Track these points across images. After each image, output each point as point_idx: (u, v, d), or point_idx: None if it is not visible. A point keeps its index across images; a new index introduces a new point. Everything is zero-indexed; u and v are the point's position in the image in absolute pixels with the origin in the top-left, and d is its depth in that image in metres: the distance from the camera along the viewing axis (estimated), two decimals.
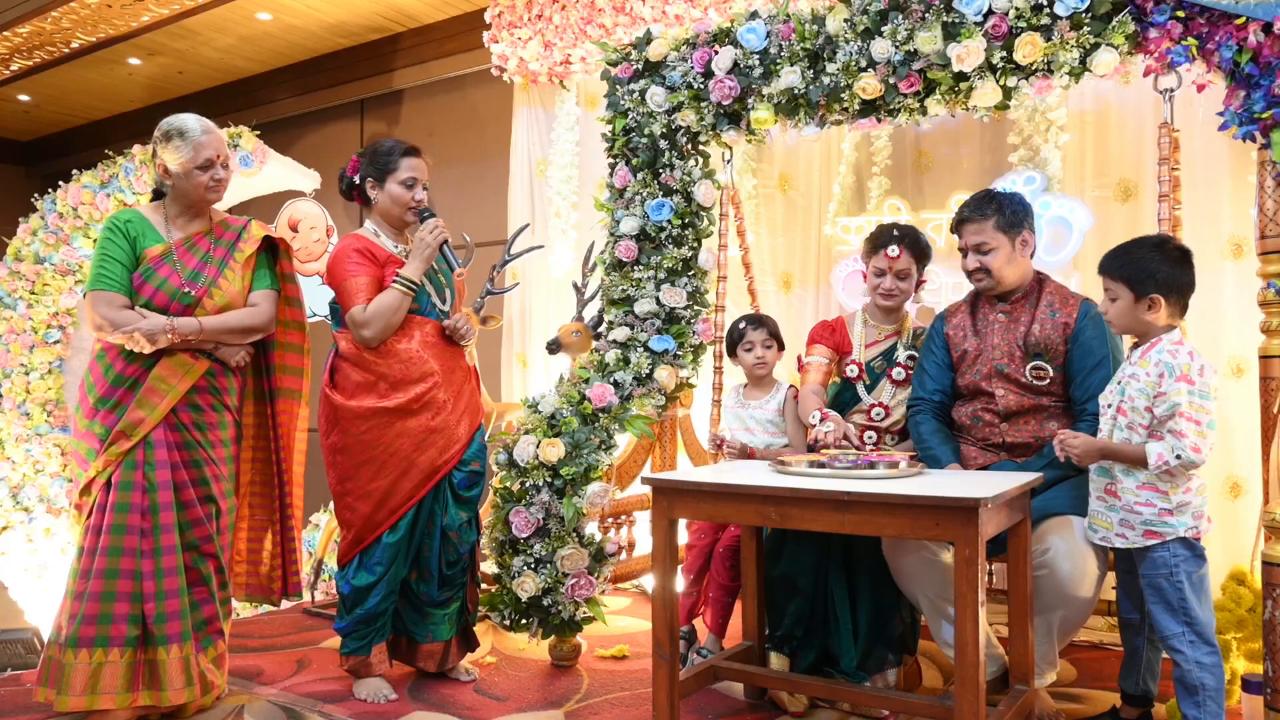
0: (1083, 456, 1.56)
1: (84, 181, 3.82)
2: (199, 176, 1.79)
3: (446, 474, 1.92)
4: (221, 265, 1.82)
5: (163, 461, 1.73)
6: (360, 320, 1.85)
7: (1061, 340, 1.78)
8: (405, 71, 4.10)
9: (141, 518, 1.71)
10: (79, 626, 1.66)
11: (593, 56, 3.15)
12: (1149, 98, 2.33)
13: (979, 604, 1.34)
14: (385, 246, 1.94)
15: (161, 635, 1.70)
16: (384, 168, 1.93)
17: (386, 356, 1.88)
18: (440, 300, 1.97)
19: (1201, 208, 2.29)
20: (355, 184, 1.97)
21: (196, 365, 1.78)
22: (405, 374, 1.88)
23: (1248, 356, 2.24)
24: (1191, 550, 1.51)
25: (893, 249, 1.99)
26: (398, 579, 1.91)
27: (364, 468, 1.89)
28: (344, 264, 1.89)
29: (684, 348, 2.30)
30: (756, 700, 1.89)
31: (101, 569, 1.68)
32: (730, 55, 2.19)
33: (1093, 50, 1.79)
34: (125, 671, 1.67)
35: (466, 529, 1.95)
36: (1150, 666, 1.64)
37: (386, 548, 1.89)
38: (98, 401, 1.74)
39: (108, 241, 1.76)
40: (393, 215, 1.94)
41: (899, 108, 2.02)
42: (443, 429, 1.90)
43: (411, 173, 1.92)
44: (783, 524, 1.52)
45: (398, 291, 1.86)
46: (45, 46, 4.15)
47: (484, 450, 2.01)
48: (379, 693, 1.90)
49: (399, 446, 1.88)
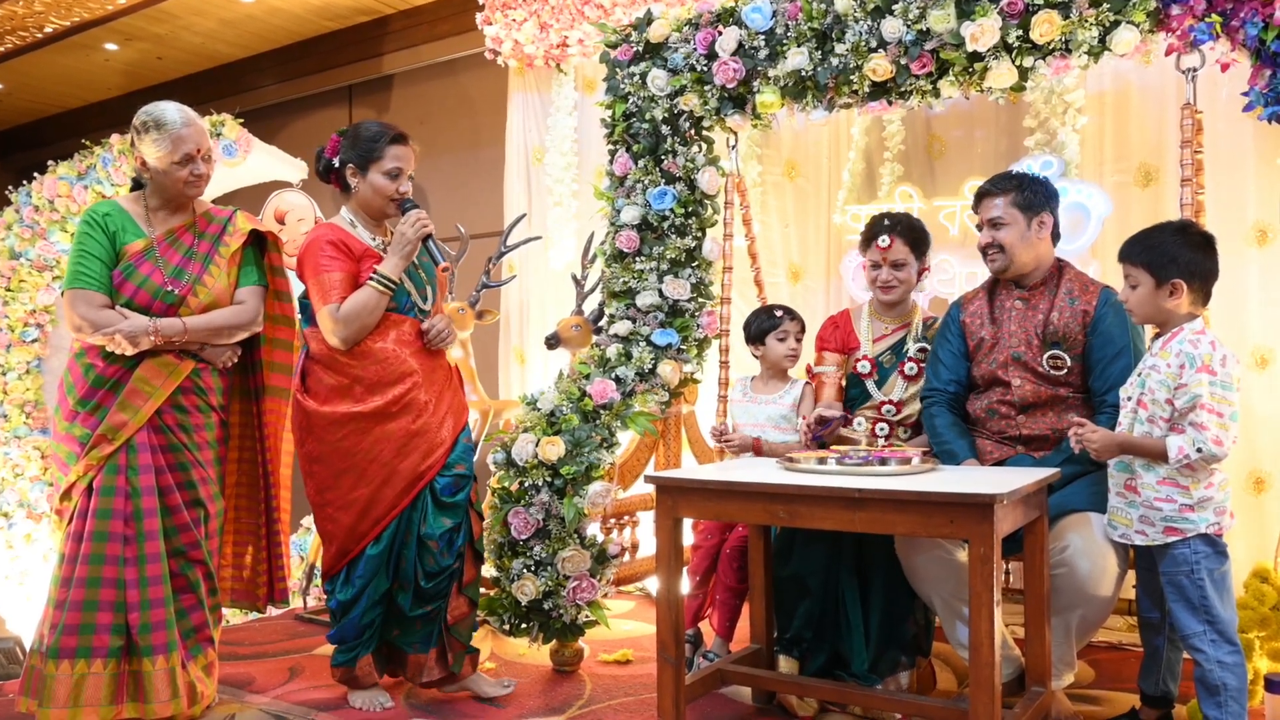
0: (1101, 451, 1.54)
1: (60, 173, 3.73)
2: (178, 172, 1.72)
3: (430, 480, 1.81)
4: (206, 261, 1.76)
5: (146, 466, 1.68)
6: (332, 321, 1.72)
7: (1080, 329, 1.75)
8: (395, 55, 4.01)
9: (124, 524, 1.66)
10: (60, 636, 1.62)
11: (591, 38, 3.09)
12: (1171, 78, 2.28)
13: (995, 604, 1.32)
14: (362, 238, 1.82)
15: (146, 646, 1.65)
16: (367, 154, 1.79)
17: (361, 357, 1.77)
18: (421, 298, 1.86)
19: (1225, 193, 2.25)
20: (334, 167, 1.84)
21: (181, 366, 1.72)
22: (382, 375, 1.76)
23: (1273, 347, 2.22)
24: (1213, 547, 1.49)
25: (883, 239, 1.95)
26: (379, 591, 1.81)
27: (344, 476, 1.78)
28: (316, 257, 1.76)
29: (688, 341, 2.26)
30: (765, 705, 1.86)
31: (83, 577, 1.64)
32: (734, 36, 2.14)
33: (1112, 28, 1.75)
34: (109, 683, 1.63)
35: (451, 537, 1.82)
36: (1170, 667, 1.62)
37: (369, 560, 1.79)
38: (77, 403, 1.69)
39: (85, 236, 1.70)
40: (373, 206, 1.82)
41: (911, 90, 1.98)
42: (425, 432, 1.79)
43: (397, 162, 1.79)
44: (792, 523, 1.49)
45: (374, 290, 1.73)
46: (17, 31, 4.04)
47: (469, 452, 1.90)
48: (374, 701, 1.84)
49: (379, 453, 1.77)
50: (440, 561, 1.81)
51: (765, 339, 2.09)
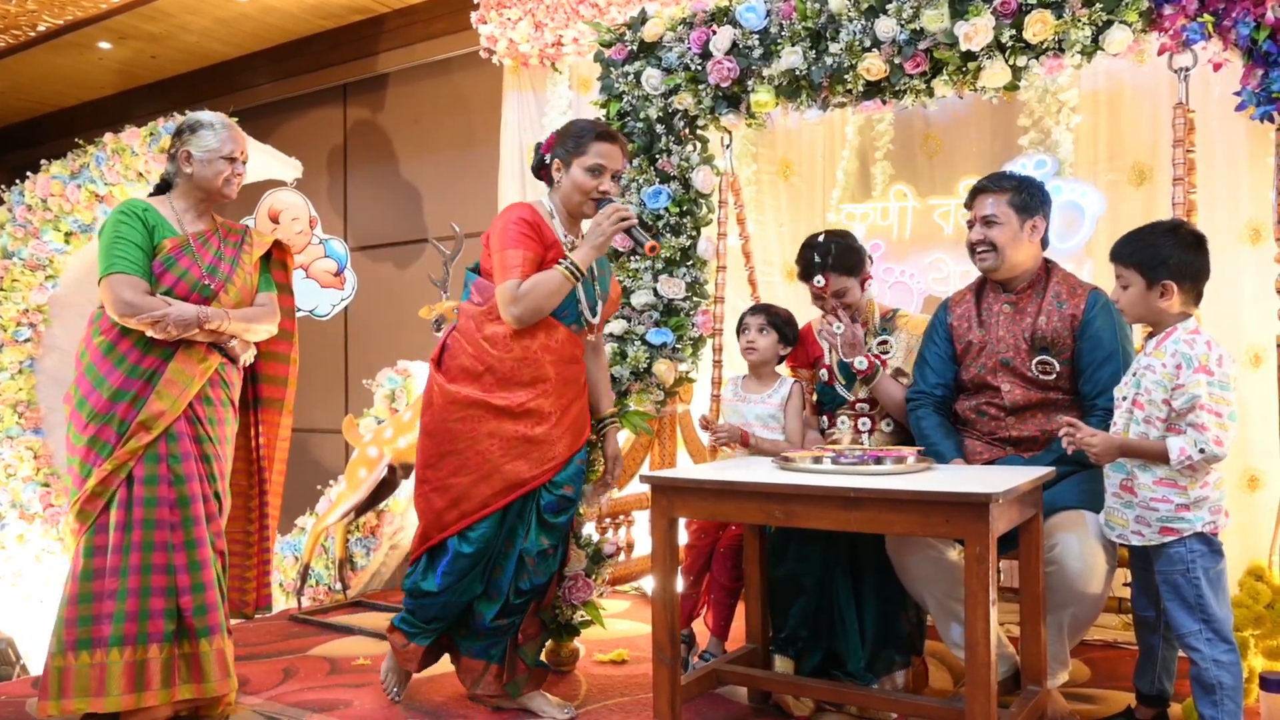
0: (1101, 455, 1.52)
1: (53, 172, 3.71)
2: (222, 166, 1.80)
3: (533, 491, 1.75)
4: (234, 262, 1.83)
5: (187, 453, 1.73)
6: (511, 296, 1.68)
7: (1069, 333, 1.74)
8: (390, 54, 4.00)
9: (170, 511, 1.70)
10: (123, 624, 1.64)
11: (585, 37, 3.09)
12: (1164, 77, 2.28)
13: (990, 603, 1.32)
14: (556, 230, 1.78)
15: (203, 628, 1.70)
16: (571, 149, 1.77)
17: (503, 349, 1.72)
18: (589, 310, 1.79)
19: (1218, 191, 2.25)
20: (545, 162, 1.83)
21: (210, 359, 1.77)
22: (515, 373, 1.72)
23: (1266, 345, 2.21)
24: (1208, 546, 1.49)
25: (818, 279, 1.96)
26: (469, 595, 1.76)
27: (446, 459, 1.74)
28: (510, 232, 1.72)
29: (683, 340, 2.25)
30: (761, 705, 1.85)
31: (137, 565, 1.67)
32: (729, 35, 2.13)
33: (1105, 28, 1.75)
34: (163, 667, 1.67)
35: (546, 557, 1.78)
36: (1166, 665, 1.62)
37: (460, 558, 1.73)
38: (92, 416, 1.71)
39: (123, 225, 1.73)
40: (573, 201, 1.79)
41: (905, 89, 1.98)
42: (541, 442, 1.73)
43: (600, 159, 1.76)
44: (788, 523, 1.49)
45: (561, 274, 1.69)
46: (10, 30, 4.02)
47: (580, 475, 1.83)
48: (390, 680, 1.88)
49: (486, 447, 1.72)
50: (534, 580, 1.77)
51: (738, 336, 2.11)
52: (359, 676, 2.05)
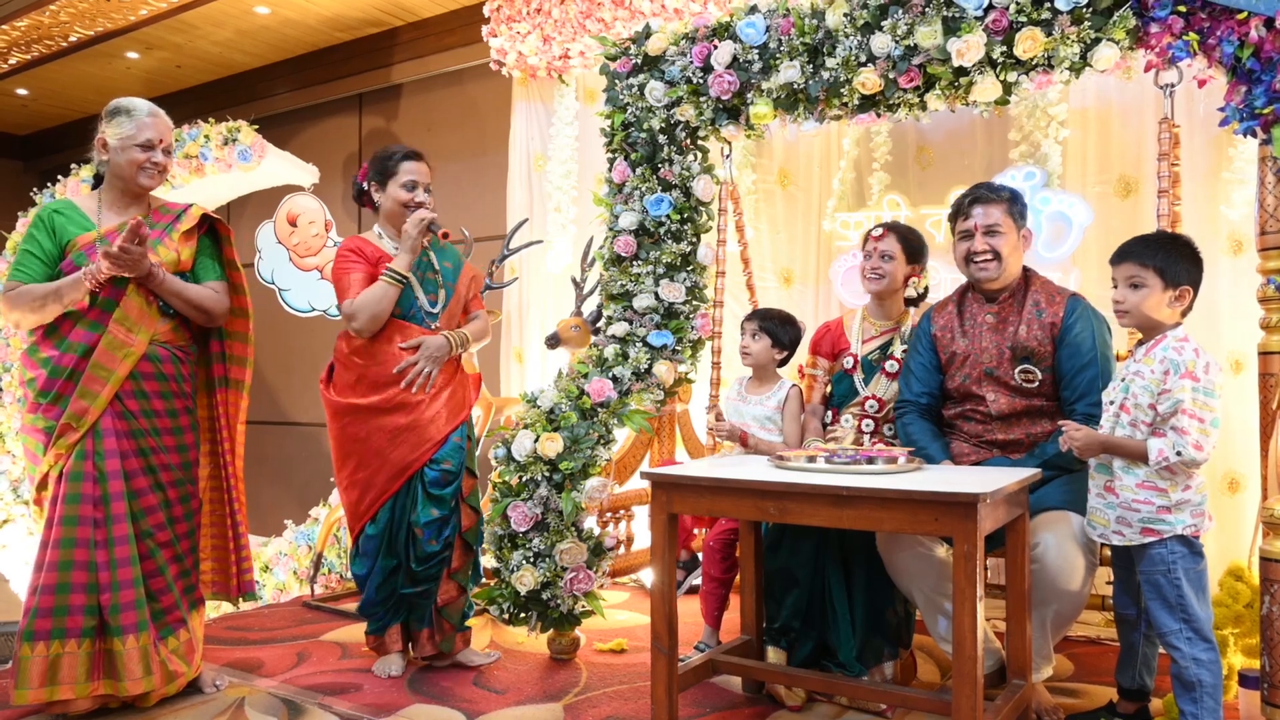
0: (1084, 449, 1.54)
1: (83, 176, 3.82)
2: (136, 154, 1.73)
3: (418, 471, 1.98)
4: (155, 244, 1.76)
5: (111, 450, 1.70)
6: (349, 312, 1.95)
7: (1049, 340, 1.76)
8: (403, 66, 4.09)
9: (94, 508, 1.68)
10: (35, 619, 1.64)
11: (592, 51, 3.14)
12: (1150, 93, 2.32)
13: (978, 599, 1.34)
14: (384, 247, 2.03)
15: (117, 626, 1.68)
16: (385, 172, 2.03)
17: (367, 357, 1.98)
18: (430, 303, 2.02)
19: (1201, 203, 2.29)
20: (364, 189, 2.09)
21: (133, 347, 1.72)
22: (380, 374, 1.97)
23: (1247, 352, 2.24)
24: (1189, 547, 1.50)
25: (877, 230, 2.07)
26: (387, 568, 2.00)
27: (348, 459, 2.01)
28: (337, 263, 2.01)
29: (683, 343, 2.30)
30: (755, 694, 1.89)
31: (55, 561, 1.66)
32: (729, 50, 2.18)
33: (1093, 45, 1.78)
34: (84, 661, 1.66)
35: (437, 526, 1.98)
36: (1146, 661, 1.64)
37: (369, 539, 2.00)
38: (38, 395, 1.71)
39: (29, 237, 1.73)
40: (395, 217, 2.03)
41: (899, 103, 2.01)
42: (414, 428, 1.97)
43: (411, 175, 2.02)
44: (782, 519, 1.52)
45: (384, 283, 1.95)
46: (43, 40, 4.14)
47: (460, 450, 2.02)
48: (386, 668, 2.02)
49: (374, 442, 1.97)
50: (426, 548, 1.98)
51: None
52: (369, 661, 2.09)
